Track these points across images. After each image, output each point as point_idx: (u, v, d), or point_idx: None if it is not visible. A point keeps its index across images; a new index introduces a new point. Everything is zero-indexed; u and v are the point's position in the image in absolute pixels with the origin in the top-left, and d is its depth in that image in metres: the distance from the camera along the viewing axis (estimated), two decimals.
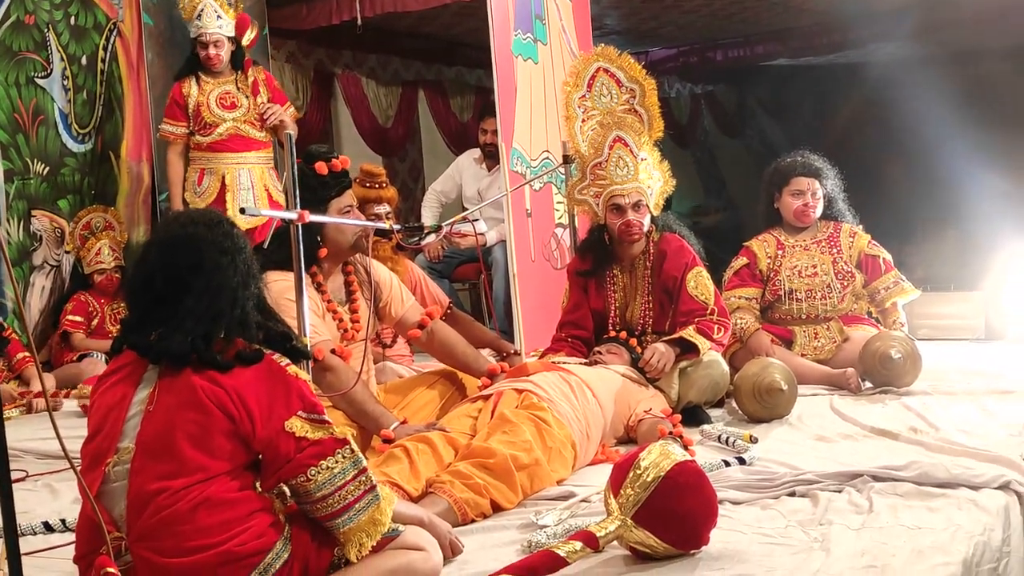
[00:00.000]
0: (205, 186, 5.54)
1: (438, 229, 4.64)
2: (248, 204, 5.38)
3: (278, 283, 3.11)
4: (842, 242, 4.55)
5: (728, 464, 3.07)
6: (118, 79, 6.33)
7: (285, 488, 2.15)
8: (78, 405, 4.68)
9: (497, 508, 2.82)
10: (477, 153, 6.50)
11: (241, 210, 3.12)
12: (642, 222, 3.89)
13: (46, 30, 5.96)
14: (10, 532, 1.93)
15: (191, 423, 2.05)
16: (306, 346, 2.77)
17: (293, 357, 2.20)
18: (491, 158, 6.28)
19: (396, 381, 3.90)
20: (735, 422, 3.79)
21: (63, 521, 2.94)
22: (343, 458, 2.10)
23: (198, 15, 5.47)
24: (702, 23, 8.91)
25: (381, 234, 3.95)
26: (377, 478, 2.21)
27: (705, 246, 4.15)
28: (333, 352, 3.25)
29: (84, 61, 6.19)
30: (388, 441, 3.10)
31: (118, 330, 2.27)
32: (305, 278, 2.99)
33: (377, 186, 4.49)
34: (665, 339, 3.80)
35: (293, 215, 2.95)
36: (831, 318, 4.47)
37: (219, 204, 5.41)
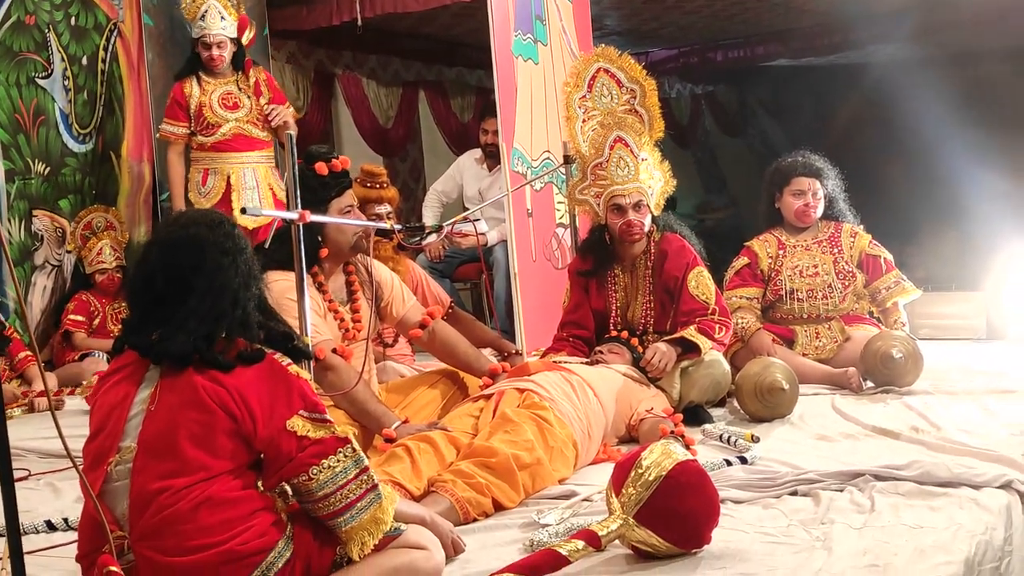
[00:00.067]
0: (210, 186, 5.53)
1: (439, 229, 4.65)
2: (253, 203, 5.37)
3: (279, 283, 3.11)
4: (843, 242, 4.55)
5: (730, 463, 3.07)
6: (119, 79, 6.34)
7: (287, 487, 2.15)
8: (85, 400, 4.68)
9: (499, 507, 2.82)
10: (478, 153, 6.50)
11: (242, 210, 3.12)
12: (643, 222, 3.89)
13: (47, 30, 5.97)
14: (13, 531, 1.94)
15: (193, 422, 2.05)
16: (307, 346, 2.78)
17: (294, 357, 2.20)
18: (492, 158, 6.28)
19: (398, 380, 3.90)
20: (737, 421, 3.79)
21: (65, 520, 2.95)
22: (345, 457, 2.10)
23: (202, 16, 5.47)
24: (703, 24, 8.91)
25: (382, 234, 3.96)
26: (379, 477, 2.21)
27: (706, 246, 4.15)
28: (334, 352, 3.26)
29: (85, 61, 6.19)
30: (390, 440, 3.10)
31: (119, 330, 2.26)
32: (306, 278, 2.99)
33: (378, 186, 4.49)
34: (666, 339, 3.80)
35: (294, 215, 2.96)
36: (832, 318, 4.47)
37: (224, 204, 5.40)
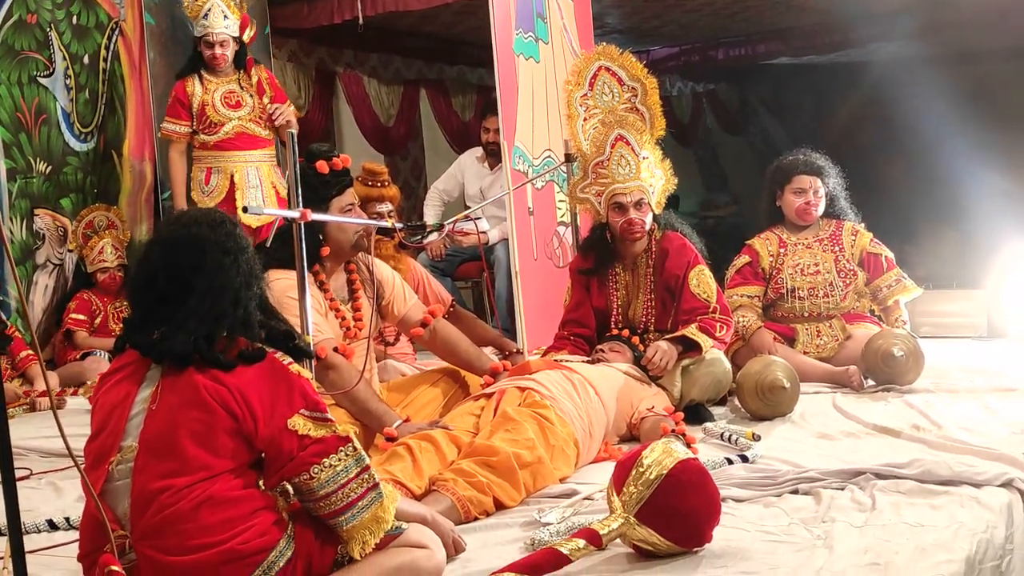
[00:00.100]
0: (213, 185, 5.50)
1: (440, 228, 4.63)
2: (257, 202, 5.36)
3: (280, 281, 3.11)
4: (844, 240, 4.55)
5: (731, 462, 3.07)
6: (120, 78, 6.34)
7: (288, 486, 2.15)
8: (88, 400, 4.68)
9: (500, 506, 2.82)
10: (479, 151, 6.50)
11: (243, 208, 3.12)
12: (644, 220, 3.89)
13: (48, 29, 5.97)
14: (14, 530, 1.94)
15: (194, 421, 2.05)
16: (308, 344, 2.78)
17: (295, 356, 2.20)
18: (493, 156, 6.27)
19: (399, 379, 3.89)
20: (738, 420, 3.79)
21: (67, 519, 2.95)
22: (346, 456, 2.10)
23: (205, 14, 5.45)
24: (704, 22, 8.90)
25: (383, 233, 3.96)
26: (380, 476, 2.21)
27: (707, 244, 4.15)
28: (336, 350, 3.26)
29: (86, 60, 6.19)
30: (391, 439, 3.10)
31: (121, 329, 2.26)
32: (308, 276, 2.99)
33: (379, 185, 4.49)
34: (667, 337, 3.80)
35: (295, 214, 2.96)
36: (833, 316, 4.47)
37: (228, 202, 5.36)
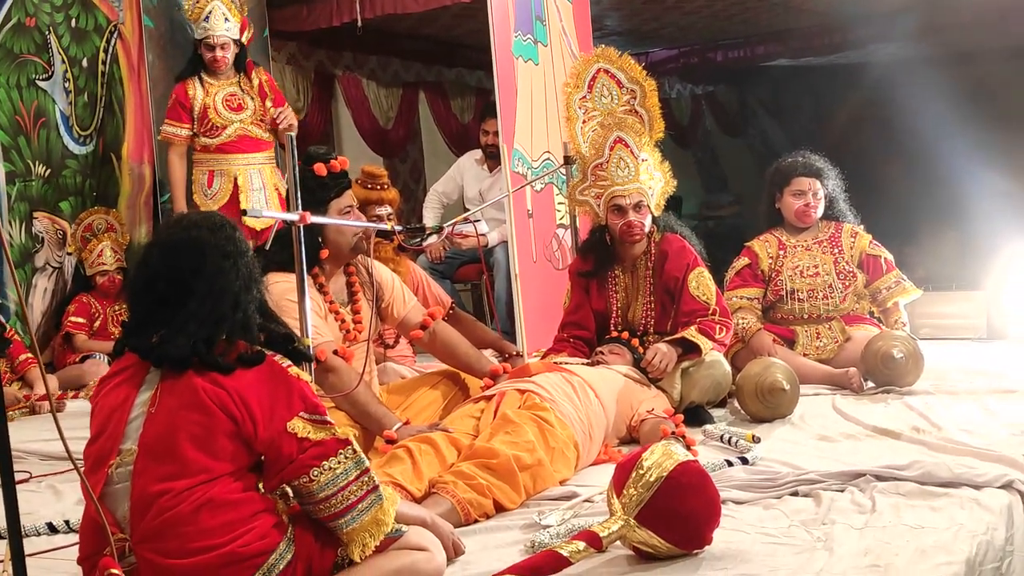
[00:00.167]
0: (216, 188, 5.48)
1: (440, 230, 4.65)
2: (260, 205, 5.35)
3: (279, 284, 3.12)
4: (843, 242, 4.55)
5: (731, 464, 3.06)
6: (119, 81, 6.34)
7: (288, 489, 2.15)
8: (89, 401, 4.68)
9: (500, 508, 2.82)
10: (478, 154, 6.50)
11: (243, 212, 3.12)
12: (643, 223, 3.89)
13: (47, 32, 5.97)
14: (14, 533, 1.94)
15: (194, 424, 2.05)
16: (308, 348, 2.78)
17: (295, 359, 2.20)
18: (492, 159, 6.27)
19: (398, 382, 3.89)
20: (737, 422, 3.79)
21: (67, 522, 2.95)
22: (345, 459, 2.10)
23: (205, 17, 5.44)
24: (703, 24, 8.91)
25: (383, 235, 3.96)
26: (380, 479, 2.21)
27: (707, 246, 4.15)
28: (335, 353, 3.26)
29: (85, 63, 6.19)
30: (391, 442, 3.10)
31: (120, 332, 2.26)
32: (307, 279, 2.99)
33: (379, 187, 4.49)
34: (667, 339, 3.80)
35: (295, 217, 2.96)
36: (833, 318, 4.47)
37: (232, 205, 5.34)
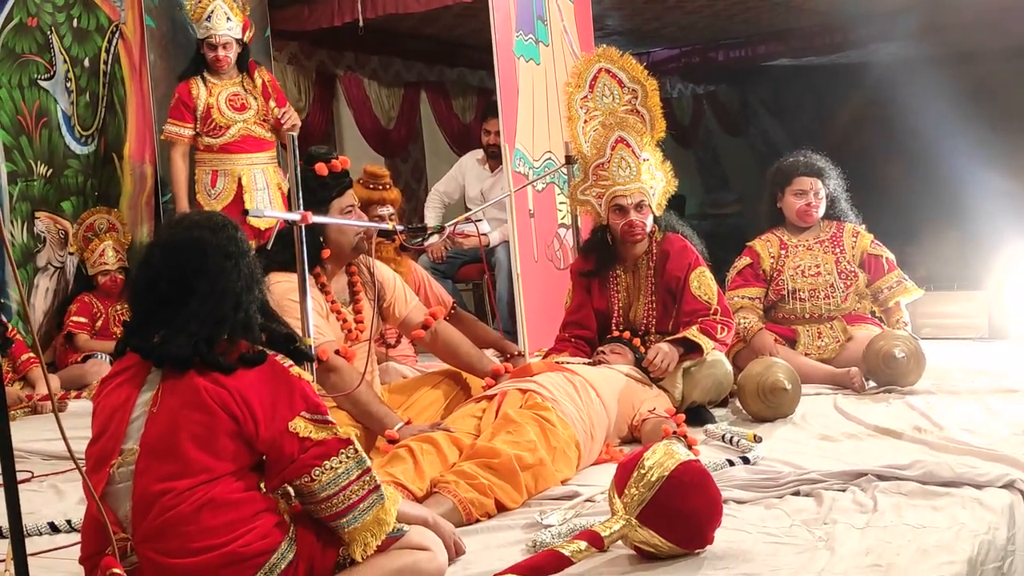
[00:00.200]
0: (220, 188, 5.47)
1: (441, 230, 4.64)
2: (264, 204, 5.35)
3: (281, 284, 3.12)
4: (845, 242, 4.55)
5: (732, 463, 3.07)
6: (120, 81, 6.34)
7: (289, 488, 2.15)
8: (92, 400, 4.69)
9: (502, 508, 2.82)
10: (480, 154, 6.50)
11: (244, 212, 3.12)
12: (645, 222, 3.89)
13: (49, 32, 5.98)
14: (16, 533, 1.94)
15: (195, 424, 2.05)
16: (309, 347, 2.78)
17: (296, 358, 2.20)
18: (494, 159, 6.27)
19: (400, 381, 3.89)
20: (739, 422, 3.79)
21: (69, 522, 2.94)
22: (347, 458, 2.10)
23: (208, 16, 5.44)
24: (704, 24, 8.91)
25: (384, 235, 3.96)
26: (381, 478, 2.21)
27: (708, 246, 4.15)
28: (337, 353, 3.26)
29: (87, 63, 6.20)
30: (392, 441, 3.10)
31: (121, 332, 2.26)
32: (308, 279, 3.00)
33: (381, 187, 4.49)
34: (668, 339, 3.80)
35: (296, 216, 2.96)
36: (834, 317, 4.47)
37: (236, 205, 5.33)
